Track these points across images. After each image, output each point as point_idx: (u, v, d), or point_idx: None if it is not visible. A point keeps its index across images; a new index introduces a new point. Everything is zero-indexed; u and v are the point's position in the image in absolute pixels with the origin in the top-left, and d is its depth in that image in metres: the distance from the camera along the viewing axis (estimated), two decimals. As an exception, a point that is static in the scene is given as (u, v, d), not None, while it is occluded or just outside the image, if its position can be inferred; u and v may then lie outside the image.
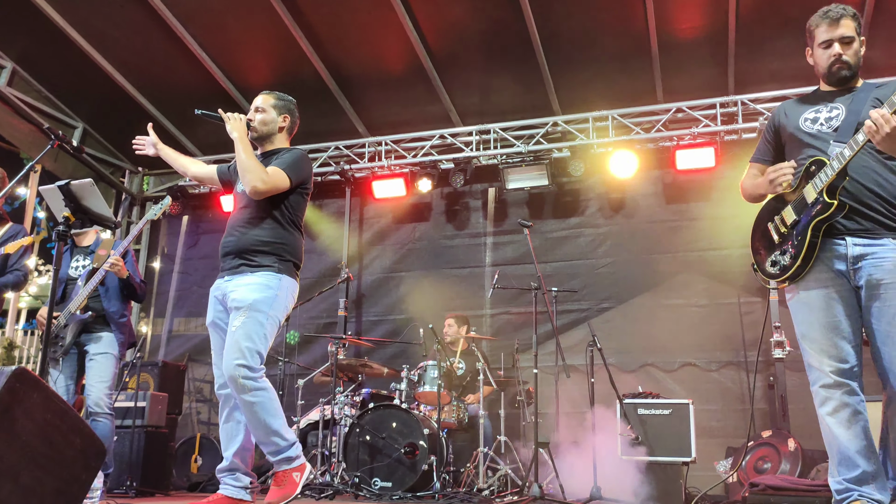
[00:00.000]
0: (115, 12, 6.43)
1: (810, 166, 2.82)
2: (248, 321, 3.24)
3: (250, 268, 3.35)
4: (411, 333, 6.67)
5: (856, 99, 2.87)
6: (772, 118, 3.12)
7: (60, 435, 2.26)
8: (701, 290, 6.89)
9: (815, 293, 2.80)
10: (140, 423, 5.81)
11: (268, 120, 3.65)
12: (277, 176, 3.36)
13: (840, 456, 2.70)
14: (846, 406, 2.69)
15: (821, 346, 2.76)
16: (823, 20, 2.92)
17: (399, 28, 6.39)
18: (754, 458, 5.76)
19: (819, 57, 2.95)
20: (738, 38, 6.25)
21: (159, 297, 8.76)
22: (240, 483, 3.37)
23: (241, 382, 3.20)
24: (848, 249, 2.75)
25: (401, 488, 5.22)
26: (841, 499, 2.71)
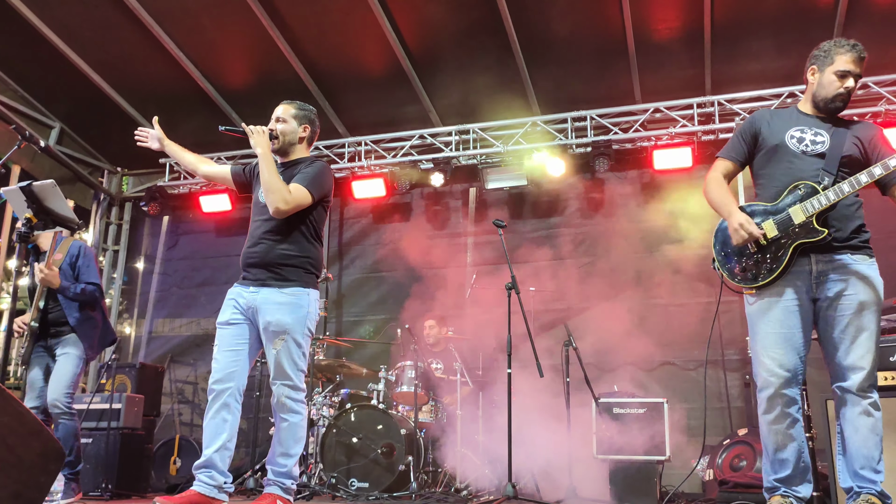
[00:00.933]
0: (90, 12, 6.38)
1: (798, 186, 2.98)
2: (288, 345, 3.41)
3: (278, 282, 3.45)
4: (389, 334, 6.67)
5: (837, 132, 3.04)
6: (751, 122, 3.19)
7: (17, 438, 2.24)
8: (679, 290, 6.92)
9: (775, 304, 2.97)
10: (115, 425, 5.76)
11: (288, 130, 3.67)
12: (299, 194, 3.43)
13: (774, 457, 2.97)
14: (787, 416, 2.93)
15: (773, 355, 2.94)
16: (851, 52, 3.02)
17: (377, 28, 6.39)
18: (730, 455, 5.79)
19: (828, 83, 3.04)
20: (714, 39, 6.30)
21: (142, 297, 8.72)
22: (213, 482, 3.37)
23: (283, 401, 3.42)
24: (813, 266, 2.96)
25: (377, 489, 5.22)
26: (771, 494, 2.98)
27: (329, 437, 5.47)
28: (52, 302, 4.32)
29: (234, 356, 3.47)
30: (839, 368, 2.90)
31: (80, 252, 4.39)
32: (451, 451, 5.66)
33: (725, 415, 6.62)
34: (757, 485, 3.72)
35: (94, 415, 5.79)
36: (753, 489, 3.72)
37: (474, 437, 5.81)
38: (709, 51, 6.41)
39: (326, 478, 5.33)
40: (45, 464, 2.33)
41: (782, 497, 2.93)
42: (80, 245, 4.43)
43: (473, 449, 5.73)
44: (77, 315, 4.29)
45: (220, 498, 3.39)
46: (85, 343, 4.30)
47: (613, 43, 6.44)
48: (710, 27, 6.16)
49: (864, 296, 2.89)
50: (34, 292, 4.32)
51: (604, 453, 5.18)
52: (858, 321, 2.88)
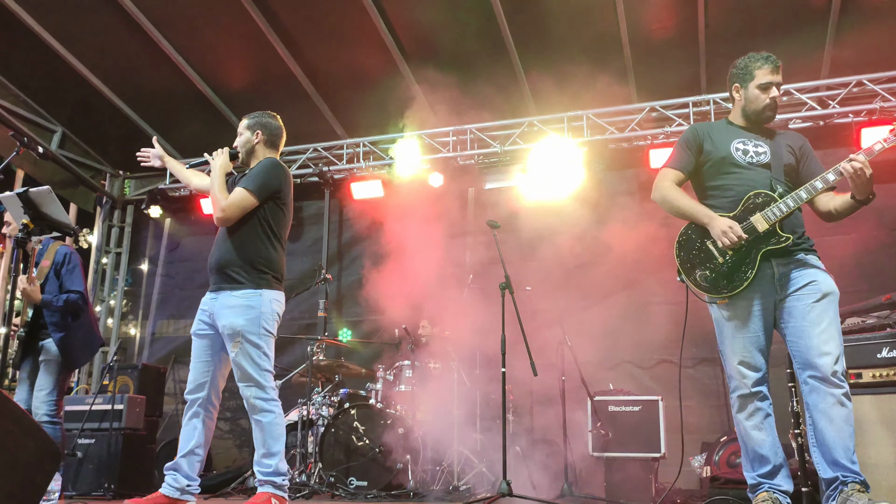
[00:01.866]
0: (90, 17, 6.46)
1: (755, 196, 3.09)
2: (244, 347, 3.49)
3: (230, 285, 3.54)
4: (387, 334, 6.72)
5: (774, 143, 3.21)
6: (694, 135, 3.30)
7: (14, 440, 2.30)
8: (676, 288, 6.92)
9: (742, 310, 3.08)
10: (118, 425, 5.84)
11: (244, 141, 3.83)
12: (236, 198, 3.54)
13: (753, 454, 3.08)
14: (759, 410, 3.07)
15: (742, 358, 3.07)
16: (767, 63, 3.17)
17: (373, 30, 6.45)
18: (727, 453, 5.83)
19: (754, 96, 3.20)
20: (709, 39, 6.33)
21: (145, 299, 8.80)
22: (177, 483, 3.57)
23: (252, 402, 3.50)
24: (775, 269, 3.08)
25: (376, 487, 5.28)
26: (755, 491, 3.09)
27: (328, 436, 5.53)
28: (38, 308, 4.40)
29: (204, 367, 3.63)
30: (808, 356, 2.96)
31: (66, 259, 4.41)
32: (448, 450, 5.71)
33: (723, 412, 6.65)
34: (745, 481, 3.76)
35: (96, 416, 5.86)
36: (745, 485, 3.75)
37: (472, 435, 5.85)
38: (703, 50, 6.45)
39: (325, 476, 5.39)
40: (41, 464, 2.39)
41: (768, 493, 3.02)
42: (65, 251, 4.45)
43: (471, 447, 5.77)
44: (60, 327, 4.33)
45: (183, 499, 3.59)
46: (66, 354, 4.36)
47: (609, 43, 6.48)
48: (704, 26, 6.20)
49: (824, 286, 3.01)
50: None
51: (599, 451, 5.23)
52: (821, 309, 2.98)
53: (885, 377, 3.48)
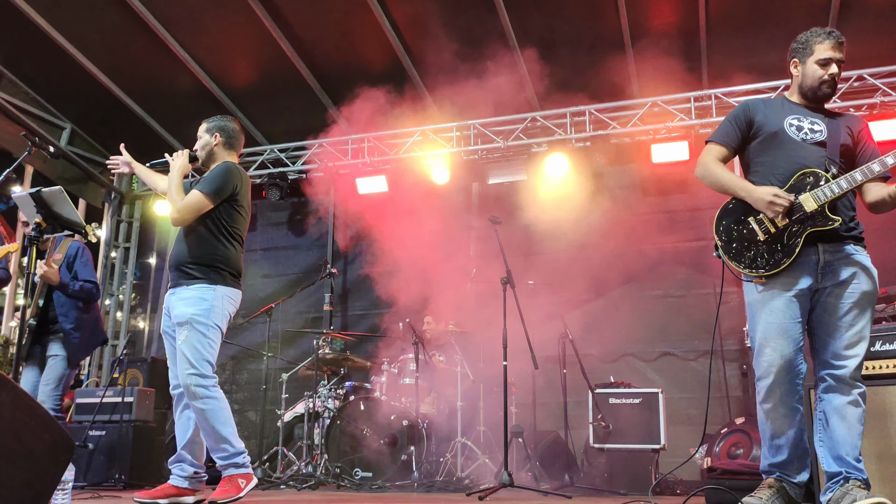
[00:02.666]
0: (96, 15, 6.55)
1: (806, 175, 2.96)
2: (190, 335, 3.56)
3: (186, 281, 3.66)
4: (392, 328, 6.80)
5: (832, 122, 3.08)
6: (745, 109, 3.16)
7: (29, 431, 2.39)
8: (678, 281, 7.03)
9: (779, 294, 2.95)
10: (127, 417, 5.95)
11: (203, 144, 3.95)
12: (191, 200, 3.66)
13: (771, 443, 2.97)
14: (784, 404, 2.93)
15: (775, 346, 2.92)
16: (828, 39, 3.04)
17: (376, 27, 6.51)
18: (728, 444, 5.90)
19: (812, 71, 3.06)
20: (710, 34, 6.37)
21: (153, 293, 8.92)
22: (184, 473, 3.70)
23: (192, 390, 3.53)
24: (820, 256, 2.96)
25: (381, 478, 5.38)
26: (764, 476, 3.02)
27: (334, 428, 5.63)
28: (49, 301, 4.52)
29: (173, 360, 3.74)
30: (832, 356, 2.91)
31: (78, 252, 4.57)
32: (451, 442, 5.81)
33: (724, 404, 6.72)
34: (745, 471, 3.84)
35: (106, 408, 5.98)
36: (741, 475, 3.82)
37: (475, 427, 5.95)
38: (705, 45, 6.49)
39: (331, 468, 5.49)
40: (56, 455, 2.48)
41: (775, 479, 2.96)
42: (78, 245, 4.61)
43: (474, 439, 5.87)
44: (69, 318, 4.46)
45: (192, 487, 3.71)
46: (71, 347, 4.49)
47: (610, 38, 6.53)
48: (705, 21, 6.24)
49: (865, 286, 2.93)
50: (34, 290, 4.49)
51: (600, 442, 5.31)
52: (858, 311, 2.91)
53: (877, 370, 3.53)
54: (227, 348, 8.18)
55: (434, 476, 5.61)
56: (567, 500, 4.34)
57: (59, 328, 4.52)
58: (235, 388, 8.35)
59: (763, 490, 2.92)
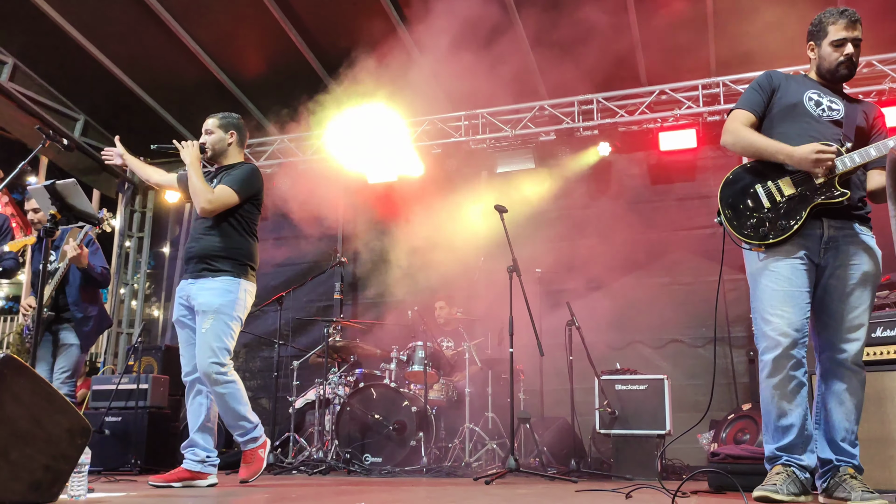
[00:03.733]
0: (110, 9, 6.63)
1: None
2: (215, 324, 3.73)
3: (212, 273, 3.81)
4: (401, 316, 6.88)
5: (850, 105, 3.07)
6: (770, 78, 3.13)
7: (47, 416, 2.49)
8: (686, 268, 7.05)
9: (783, 263, 2.90)
10: (143, 404, 6.08)
11: (216, 140, 4.10)
12: (223, 194, 3.83)
13: (776, 425, 2.87)
14: (792, 378, 2.84)
15: (781, 313, 2.85)
16: (842, 19, 3.00)
17: (385, 17, 6.55)
18: (734, 430, 5.95)
19: (827, 53, 3.04)
20: (718, 21, 6.36)
21: (167, 282, 9.04)
22: (196, 457, 3.86)
23: (213, 377, 3.74)
24: (824, 230, 2.93)
25: (390, 463, 5.48)
26: (771, 463, 2.91)
27: (344, 414, 5.73)
28: (61, 291, 4.63)
29: (193, 350, 3.86)
30: (833, 339, 2.87)
31: (88, 242, 4.68)
32: (459, 428, 5.89)
33: (731, 390, 6.77)
34: (747, 456, 3.87)
35: (122, 395, 6.11)
36: (743, 460, 3.86)
37: (483, 413, 6.03)
38: (713, 32, 6.48)
39: (342, 453, 5.59)
40: (73, 438, 2.59)
41: (784, 466, 2.83)
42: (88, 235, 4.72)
43: (482, 425, 5.95)
44: (81, 307, 4.59)
45: (205, 471, 3.87)
46: (83, 335, 4.62)
47: (618, 27, 6.53)
48: (712, 8, 6.23)
49: (868, 267, 2.89)
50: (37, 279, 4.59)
51: (606, 428, 5.37)
52: (860, 293, 2.87)
53: (878, 355, 3.57)
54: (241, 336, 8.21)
55: (442, 461, 5.70)
56: (572, 483, 4.41)
57: (71, 317, 4.63)
58: (248, 375, 8.47)
59: (774, 477, 2.81)
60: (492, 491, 3.74)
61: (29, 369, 2.46)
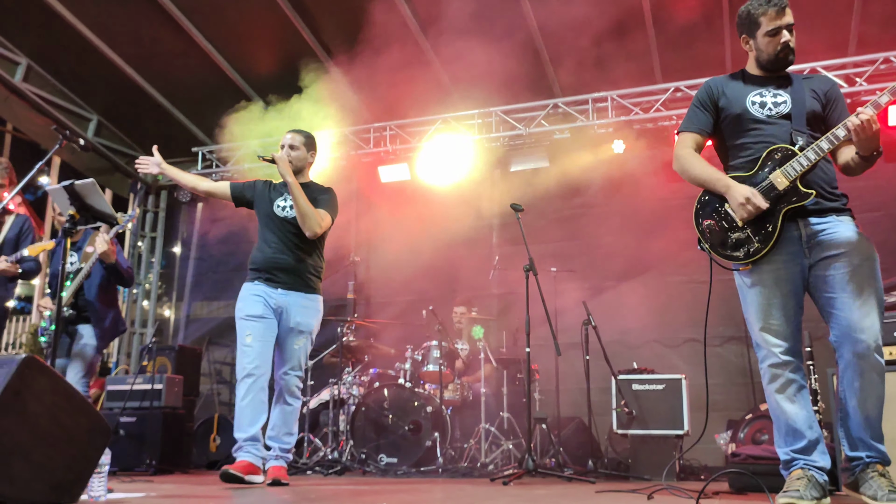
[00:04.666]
0: (123, 8, 6.64)
1: (774, 153, 2.89)
2: (307, 343, 4.17)
3: (306, 289, 4.17)
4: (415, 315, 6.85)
5: (795, 89, 2.98)
6: (707, 92, 3.08)
7: (68, 416, 2.48)
8: (702, 267, 6.94)
9: (767, 275, 2.88)
10: (157, 404, 6.07)
11: (301, 157, 4.27)
12: (328, 221, 4.18)
13: (787, 428, 2.88)
14: (792, 382, 2.87)
15: (770, 326, 2.88)
16: (770, 8, 2.93)
17: (398, 15, 6.52)
18: (752, 430, 5.89)
19: (765, 44, 2.97)
20: (733, 17, 6.27)
21: (180, 281, 9.05)
22: (260, 453, 3.99)
23: (293, 388, 4.11)
24: (802, 230, 2.88)
25: (406, 463, 5.45)
26: (789, 468, 2.88)
27: (359, 414, 5.70)
28: (79, 292, 4.63)
29: (267, 347, 4.04)
30: (846, 331, 2.80)
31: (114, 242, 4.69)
32: (475, 428, 5.86)
33: (749, 390, 6.71)
34: (768, 456, 3.82)
35: (136, 395, 6.10)
36: (764, 460, 3.82)
37: (498, 414, 5.99)
38: (728, 28, 6.42)
39: (357, 453, 5.57)
40: (93, 439, 2.57)
41: (802, 470, 2.80)
42: None
43: (498, 426, 5.91)
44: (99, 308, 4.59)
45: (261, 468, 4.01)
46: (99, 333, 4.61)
47: (633, 24, 6.49)
48: (728, 3, 6.17)
49: (860, 251, 2.83)
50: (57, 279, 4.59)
51: (623, 428, 5.32)
52: (860, 279, 2.80)
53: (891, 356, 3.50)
54: (253, 336, 8.28)
55: (458, 462, 5.67)
56: (591, 484, 4.37)
57: (90, 316, 4.63)
58: (260, 374, 8.45)
59: (795, 482, 2.78)
60: (510, 492, 3.70)
61: (50, 369, 2.44)
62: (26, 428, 2.35)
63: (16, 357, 2.36)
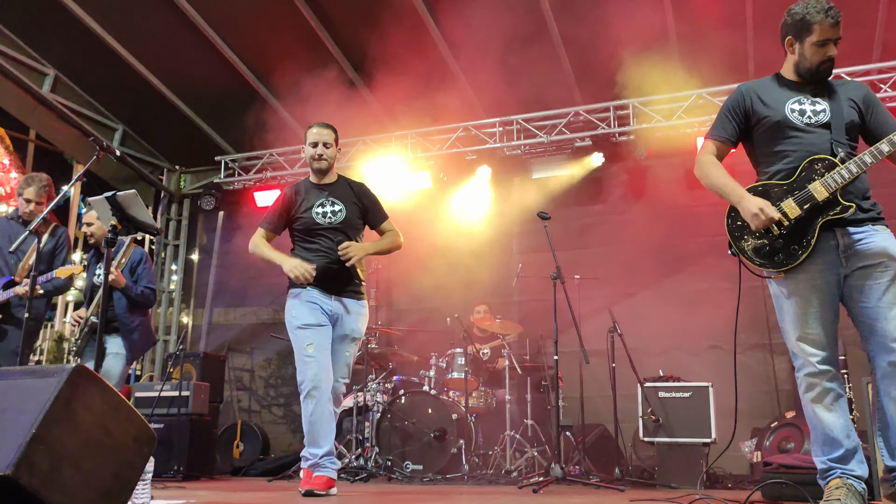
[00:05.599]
0: (149, 19, 6.72)
1: (814, 163, 2.89)
2: (355, 349, 4.13)
3: (357, 295, 4.12)
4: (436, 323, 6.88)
5: (835, 99, 2.97)
6: (739, 99, 3.06)
7: (116, 424, 2.51)
8: (724, 273, 6.94)
9: (803, 284, 2.88)
10: (185, 411, 6.12)
11: (333, 154, 4.19)
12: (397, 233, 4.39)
13: (824, 437, 2.86)
14: (829, 391, 2.85)
15: (807, 335, 2.87)
16: (827, 19, 2.90)
17: (422, 26, 6.57)
18: (778, 438, 5.86)
19: (811, 53, 2.94)
20: (757, 23, 6.30)
21: (199, 289, 9.12)
22: (336, 465, 3.92)
23: (339, 398, 4.04)
24: (839, 240, 2.88)
25: (431, 470, 5.47)
26: (826, 477, 2.87)
27: (384, 421, 5.73)
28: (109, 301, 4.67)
29: (327, 356, 3.91)
30: (883, 340, 2.78)
31: (142, 259, 4.72)
32: (498, 435, 5.87)
33: (773, 398, 6.68)
34: (802, 465, 3.81)
35: (164, 402, 6.15)
36: (798, 469, 3.80)
37: (522, 421, 6.00)
38: (752, 35, 6.42)
39: (382, 460, 5.59)
40: (139, 446, 2.60)
41: (840, 479, 2.79)
42: (141, 252, 4.78)
43: (522, 433, 5.92)
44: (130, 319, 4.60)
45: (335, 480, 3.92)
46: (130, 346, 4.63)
47: (655, 31, 6.49)
48: (752, 11, 6.17)
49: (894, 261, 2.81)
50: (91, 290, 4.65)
51: (650, 436, 5.31)
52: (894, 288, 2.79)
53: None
54: (273, 343, 8.35)
55: (482, 469, 5.68)
56: (620, 492, 4.37)
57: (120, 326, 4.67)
58: (280, 382, 8.52)
59: (835, 492, 2.78)
60: (542, 499, 3.72)
61: (98, 378, 2.48)
62: (76, 436, 2.38)
63: (66, 366, 2.40)
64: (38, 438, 2.27)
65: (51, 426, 2.32)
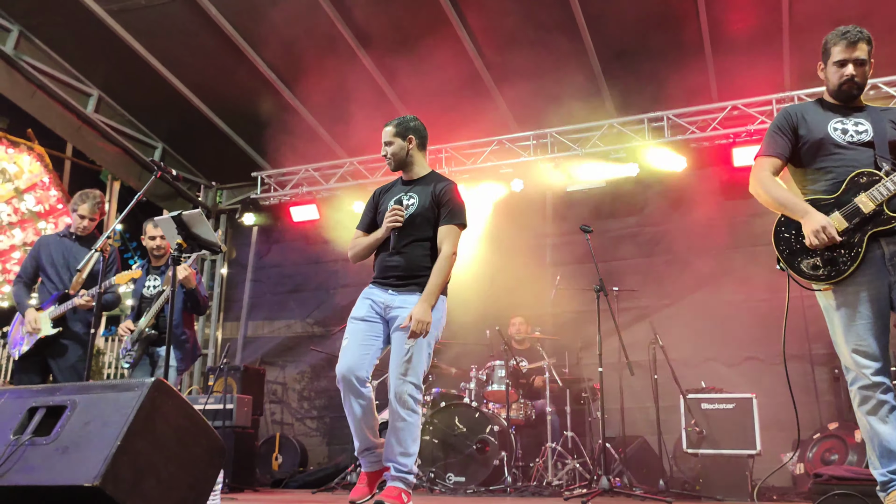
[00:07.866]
0: (192, 40, 6.89)
1: (859, 177, 2.97)
2: (421, 343, 3.48)
3: (420, 289, 3.56)
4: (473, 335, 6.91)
5: (876, 119, 3.07)
6: (786, 118, 3.16)
7: (191, 437, 2.59)
8: (761, 284, 6.94)
9: (853, 295, 2.93)
10: (229, 423, 6.22)
11: (397, 150, 3.76)
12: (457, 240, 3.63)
13: (881, 450, 2.88)
14: (884, 403, 2.88)
15: (857, 347, 2.91)
16: (841, 40, 3.05)
17: (455, 38, 6.66)
18: (821, 449, 5.82)
19: (831, 73, 3.09)
20: (793, 33, 6.30)
21: (232, 303, 9.24)
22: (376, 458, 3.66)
23: (405, 398, 3.46)
24: (885, 248, 2.94)
25: (474, 482, 5.50)
26: (886, 489, 2.89)
27: (425, 433, 5.77)
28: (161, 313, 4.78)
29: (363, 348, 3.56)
30: None
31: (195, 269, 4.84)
32: (539, 447, 5.88)
33: (814, 409, 6.62)
34: (856, 477, 3.80)
35: (208, 414, 6.26)
36: (850, 481, 3.79)
37: (563, 432, 6.01)
38: (788, 46, 6.42)
39: (424, 473, 5.63)
40: (212, 458, 2.68)
41: None
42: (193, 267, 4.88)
43: (562, 444, 5.93)
44: (182, 332, 4.71)
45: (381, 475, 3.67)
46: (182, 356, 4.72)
47: (689, 43, 6.53)
48: (788, 21, 6.18)
49: None
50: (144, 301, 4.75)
51: (693, 447, 5.31)
52: None
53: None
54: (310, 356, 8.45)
55: (525, 481, 5.69)
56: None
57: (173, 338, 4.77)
58: (314, 394, 8.60)
59: None
60: (594, 511, 3.74)
61: (175, 392, 2.56)
62: (156, 448, 2.47)
63: (146, 380, 2.49)
64: (122, 450, 2.36)
65: (133, 438, 2.41)
